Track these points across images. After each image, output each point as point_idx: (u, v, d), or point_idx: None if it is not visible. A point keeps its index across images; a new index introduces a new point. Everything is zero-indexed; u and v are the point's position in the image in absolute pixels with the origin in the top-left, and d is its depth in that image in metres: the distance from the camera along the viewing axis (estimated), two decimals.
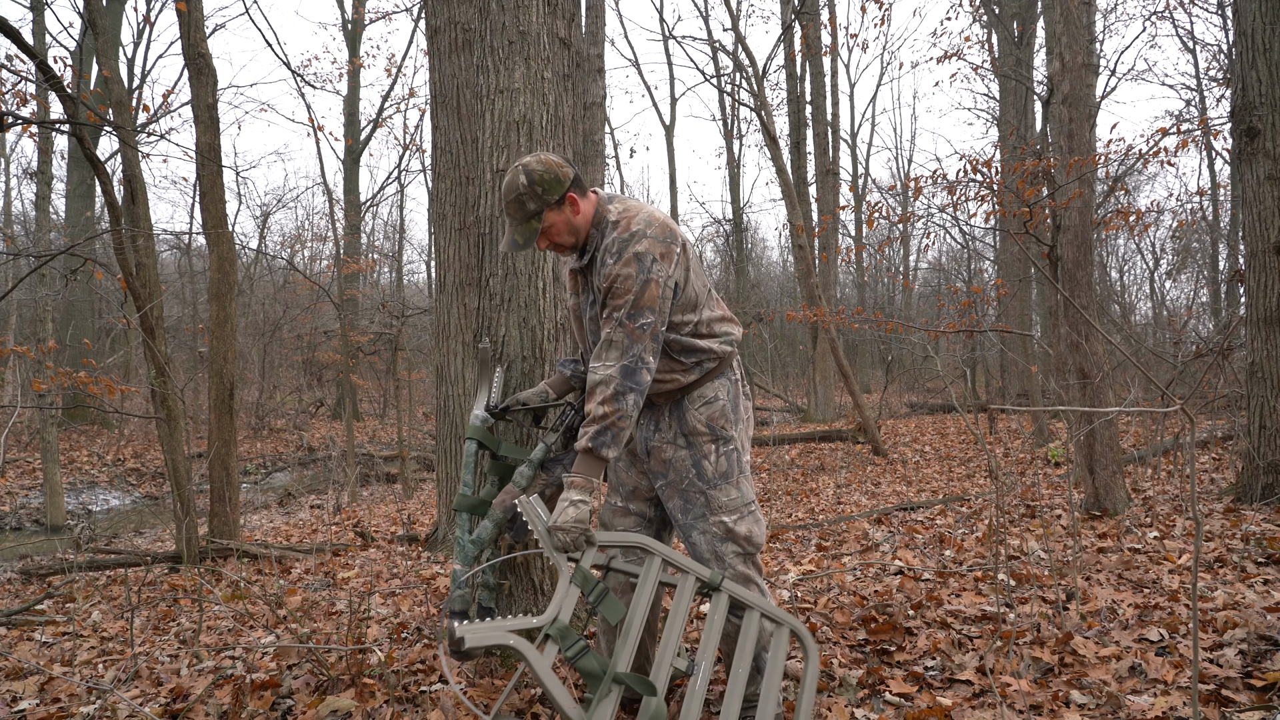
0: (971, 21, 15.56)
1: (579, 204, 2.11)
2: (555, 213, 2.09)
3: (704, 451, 2.16)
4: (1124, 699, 2.21)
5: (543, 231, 2.11)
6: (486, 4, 2.83)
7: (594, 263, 2.15)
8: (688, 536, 2.20)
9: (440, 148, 3.94)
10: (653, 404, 2.24)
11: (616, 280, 2.04)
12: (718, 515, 2.15)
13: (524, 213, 2.08)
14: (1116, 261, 18.26)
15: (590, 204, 2.16)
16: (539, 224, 2.09)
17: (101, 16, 6.80)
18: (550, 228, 2.11)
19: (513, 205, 2.08)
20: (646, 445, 2.23)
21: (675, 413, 2.19)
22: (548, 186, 2.06)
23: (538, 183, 2.05)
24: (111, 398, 11.43)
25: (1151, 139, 6.50)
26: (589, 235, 2.16)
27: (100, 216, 14.85)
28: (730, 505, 2.16)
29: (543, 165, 2.07)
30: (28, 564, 6.10)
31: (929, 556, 4.13)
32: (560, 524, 1.98)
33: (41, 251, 7.56)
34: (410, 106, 21.40)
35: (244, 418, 15.42)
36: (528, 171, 2.06)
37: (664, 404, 2.22)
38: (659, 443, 2.20)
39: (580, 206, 2.12)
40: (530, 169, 2.06)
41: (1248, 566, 3.35)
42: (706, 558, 2.17)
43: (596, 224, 2.15)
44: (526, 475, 2.26)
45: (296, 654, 2.86)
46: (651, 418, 2.23)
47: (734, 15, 12.22)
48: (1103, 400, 4.85)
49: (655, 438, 2.21)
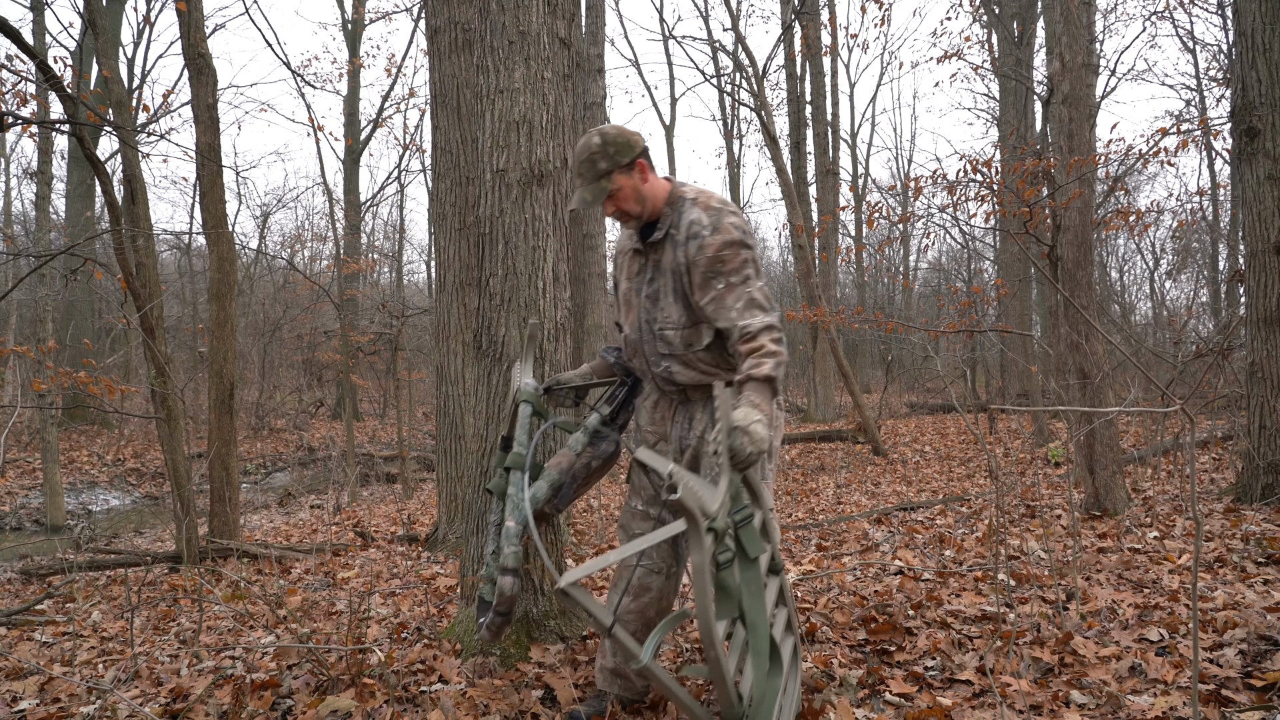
0: (971, 21, 15.56)
1: (648, 174, 2.16)
2: (625, 176, 2.13)
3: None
4: (1124, 699, 2.21)
5: (611, 194, 2.14)
6: (486, 4, 2.83)
7: (667, 240, 2.17)
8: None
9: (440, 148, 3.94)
10: (689, 401, 2.24)
11: (724, 249, 2.07)
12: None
13: (595, 172, 2.12)
14: (1116, 261, 18.27)
15: (661, 183, 2.20)
16: (608, 184, 2.12)
17: (101, 16, 6.80)
18: (619, 191, 2.13)
19: (585, 164, 2.12)
20: (681, 444, 2.23)
21: (710, 412, 2.19)
22: (620, 148, 2.11)
23: (610, 143, 2.10)
24: (111, 398, 11.43)
25: (1151, 139, 6.50)
26: (661, 214, 2.18)
27: (100, 216, 14.85)
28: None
29: (616, 130, 2.13)
30: (28, 564, 6.10)
31: (929, 556, 4.13)
32: (749, 428, 1.82)
33: (41, 251, 7.56)
34: (410, 106, 21.42)
35: (244, 418, 15.43)
36: (602, 133, 2.12)
37: (699, 401, 2.21)
38: (693, 441, 2.21)
39: (649, 177, 2.16)
40: (605, 131, 2.13)
41: (1248, 566, 3.35)
42: None
43: (671, 203, 2.18)
44: (581, 441, 2.27)
45: (296, 654, 2.86)
46: (686, 415, 2.23)
47: (734, 15, 12.22)
48: (1103, 400, 4.85)
49: (690, 436, 2.21)
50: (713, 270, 2.08)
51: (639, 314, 2.24)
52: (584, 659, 2.68)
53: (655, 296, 2.19)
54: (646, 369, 2.26)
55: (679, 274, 2.14)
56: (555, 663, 2.63)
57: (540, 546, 1.90)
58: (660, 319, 2.18)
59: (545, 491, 2.25)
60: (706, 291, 2.09)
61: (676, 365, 2.19)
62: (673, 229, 2.16)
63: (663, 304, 2.17)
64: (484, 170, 2.82)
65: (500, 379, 2.79)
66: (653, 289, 2.19)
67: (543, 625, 2.80)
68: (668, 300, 2.17)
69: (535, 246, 2.81)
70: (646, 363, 2.25)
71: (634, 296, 2.26)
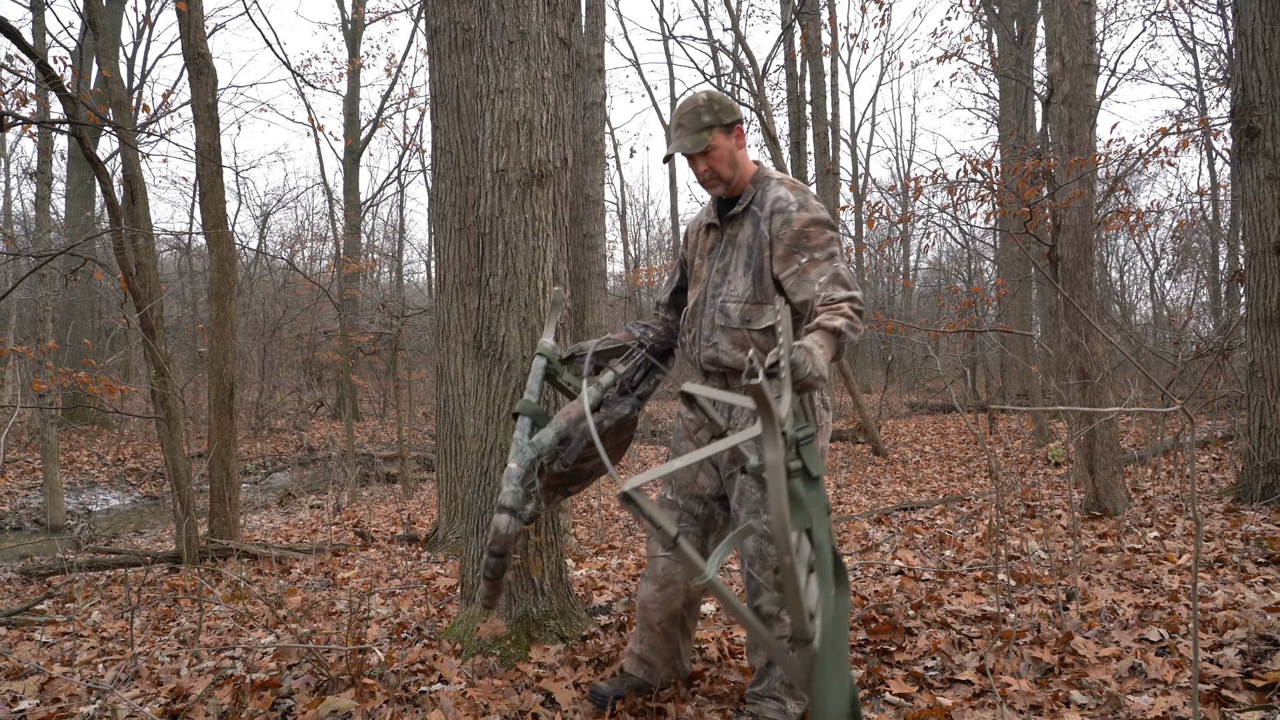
0: (971, 21, 15.55)
1: (743, 141, 2.23)
2: (724, 136, 2.18)
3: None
4: (1124, 699, 2.21)
5: (707, 150, 2.17)
6: (486, 4, 2.83)
7: (747, 214, 2.21)
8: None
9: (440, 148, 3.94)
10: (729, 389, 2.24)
11: (810, 225, 2.11)
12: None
13: (698, 124, 2.16)
14: (1116, 261, 18.27)
15: (750, 163, 2.27)
16: (709, 137, 2.16)
17: (101, 16, 6.80)
18: (715, 150, 2.17)
19: (689, 115, 2.17)
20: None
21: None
22: (725, 109, 2.17)
23: (717, 101, 2.17)
24: (111, 398, 11.43)
25: (1151, 139, 6.51)
26: (744, 190, 2.23)
27: (100, 216, 14.85)
28: None
29: (719, 94, 2.20)
30: (28, 564, 6.10)
31: (929, 556, 4.13)
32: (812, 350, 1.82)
33: (41, 251, 7.56)
34: (410, 106, 21.41)
35: (244, 418, 15.42)
36: (709, 92, 2.20)
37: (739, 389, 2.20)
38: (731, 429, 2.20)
39: (743, 143, 2.22)
40: (711, 90, 2.20)
41: (1248, 566, 3.35)
42: (752, 555, 2.15)
43: (755, 180, 2.23)
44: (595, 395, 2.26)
45: (296, 654, 2.86)
46: (728, 405, 2.23)
47: (734, 15, 12.22)
48: (1103, 400, 4.85)
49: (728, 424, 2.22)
50: (797, 245, 2.11)
51: (704, 287, 2.27)
52: (584, 659, 2.68)
53: (725, 270, 2.23)
54: (696, 346, 2.27)
55: (757, 248, 2.17)
56: (555, 663, 2.63)
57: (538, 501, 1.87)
58: (725, 292, 2.21)
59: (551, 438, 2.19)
60: (789, 265, 2.11)
61: (726, 342, 2.20)
62: (755, 204, 2.21)
63: (730, 277, 2.21)
64: (484, 170, 2.82)
65: (500, 379, 2.78)
66: (724, 262, 2.23)
67: (543, 625, 2.80)
68: (736, 274, 2.20)
69: (535, 246, 2.81)
70: (699, 337, 2.26)
71: (703, 270, 2.29)
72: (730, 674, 2.56)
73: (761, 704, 2.18)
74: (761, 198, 2.20)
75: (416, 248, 30.05)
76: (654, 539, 2.26)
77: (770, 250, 2.15)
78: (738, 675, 2.54)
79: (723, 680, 2.51)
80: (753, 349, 1.82)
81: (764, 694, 2.18)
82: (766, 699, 2.18)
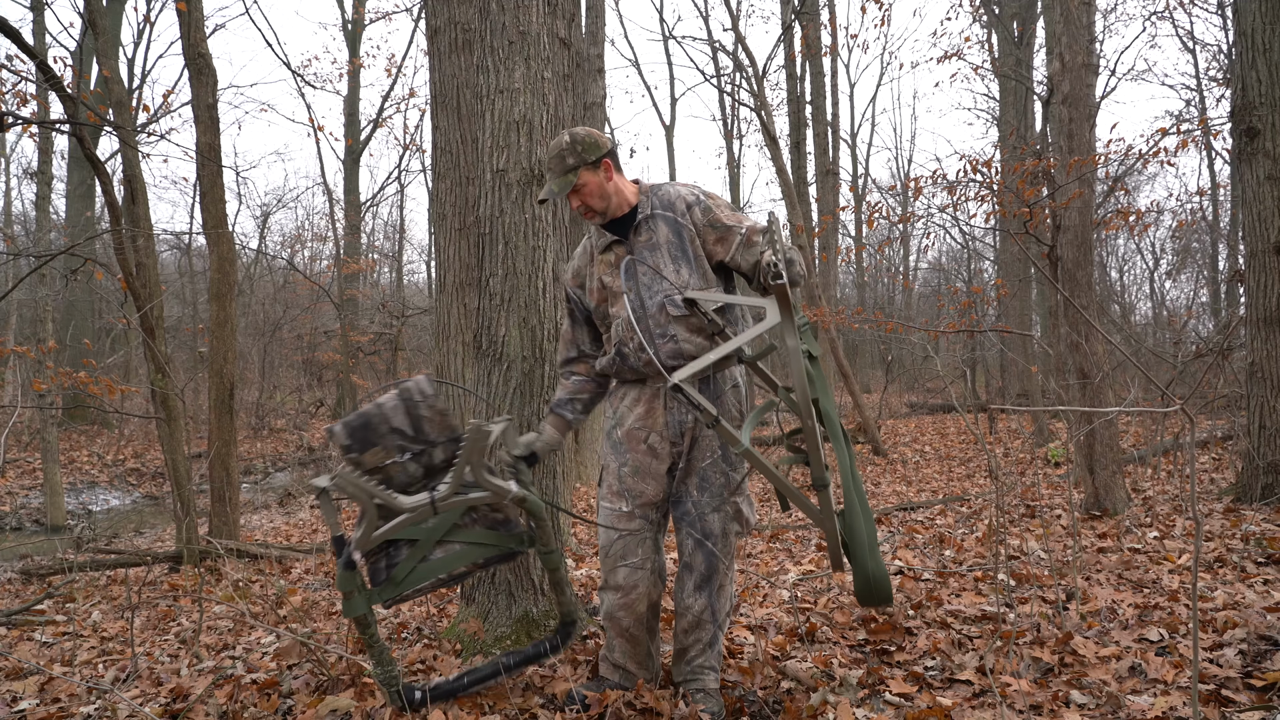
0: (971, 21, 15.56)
1: (612, 172, 2.30)
2: (590, 173, 2.28)
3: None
4: (1124, 699, 2.21)
5: (576, 189, 2.28)
6: (486, 4, 2.83)
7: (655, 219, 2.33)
8: (701, 514, 2.31)
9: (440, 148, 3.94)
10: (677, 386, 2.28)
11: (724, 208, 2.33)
12: (735, 496, 2.33)
13: (563, 166, 2.27)
14: (1116, 261, 18.25)
15: (629, 183, 2.38)
16: (574, 178, 2.27)
17: (101, 16, 6.80)
18: (584, 186, 2.28)
19: (555, 159, 2.29)
20: (680, 427, 2.31)
21: (708, 395, 2.30)
22: (587, 148, 2.27)
23: (579, 142, 2.27)
24: (111, 398, 11.43)
25: (1151, 139, 6.51)
26: (635, 204, 2.35)
27: (100, 216, 14.85)
28: (743, 489, 2.36)
29: (586, 131, 2.29)
30: (28, 564, 6.10)
31: (929, 556, 4.13)
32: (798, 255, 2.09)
33: (41, 251, 7.56)
34: (410, 106, 21.42)
35: (244, 418, 15.42)
36: (572, 133, 2.29)
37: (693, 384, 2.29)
38: (692, 423, 2.30)
39: (614, 176, 2.31)
40: (575, 131, 2.30)
41: (1248, 566, 3.35)
42: (716, 534, 2.31)
43: (644, 192, 2.37)
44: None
45: (296, 654, 2.86)
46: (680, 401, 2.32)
47: (734, 15, 12.22)
48: (1103, 400, 4.85)
49: (688, 418, 2.30)
50: (725, 225, 2.30)
51: (634, 294, 2.30)
52: (584, 659, 2.68)
53: (652, 271, 2.30)
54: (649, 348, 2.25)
55: (685, 240, 2.29)
56: (555, 663, 2.63)
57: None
58: (664, 288, 2.28)
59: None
60: (730, 242, 2.28)
61: (684, 330, 2.26)
62: (659, 209, 2.33)
63: (666, 273, 2.28)
64: (484, 170, 2.82)
65: (500, 379, 2.78)
66: (645, 267, 2.31)
67: (543, 625, 2.80)
68: (669, 269, 2.28)
69: (535, 246, 2.81)
70: (650, 338, 2.28)
71: (619, 283, 2.34)
72: (729, 673, 2.56)
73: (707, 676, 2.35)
74: (663, 201, 2.33)
75: (416, 248, 30.07)
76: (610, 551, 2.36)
77: (701, 239, 2.31)
78: (736, 675, 2.55)
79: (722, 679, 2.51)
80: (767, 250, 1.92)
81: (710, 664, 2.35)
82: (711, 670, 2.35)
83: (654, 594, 2.38)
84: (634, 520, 2.35)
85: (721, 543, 2.32)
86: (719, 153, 28.08)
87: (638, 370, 2.33)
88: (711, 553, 2.31)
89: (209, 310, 6.35)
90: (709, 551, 2.31)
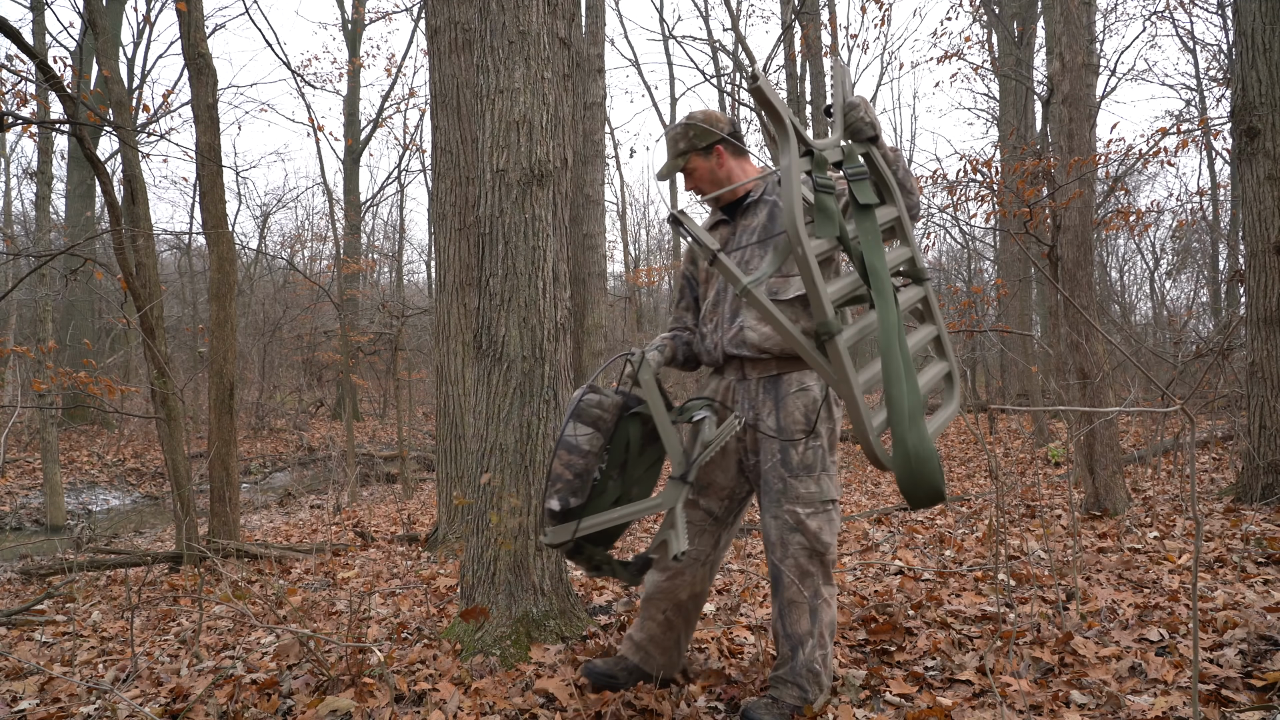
0: (971, 21, 15.56)
1: (725, 158, 2.35)
2: (701, 158, 2.34)
3: (793, 440, 2.24)
4: (1124, 699, 2.21)
5: (687, 171, 2.36)
6: (486, 4, 2.83)
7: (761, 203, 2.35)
8: (763, 518, 2.29)
9: (440, 148, 3.94)
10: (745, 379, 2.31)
11: None
12: (791, 505, 2.23)
13: (675, 150, 2.36)
14: (1116, 261, 18.24)
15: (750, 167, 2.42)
16: (683, 162, 2.35)
17: (101, 16, 6.80)
18: (694, 170, 2.35)
19: (670, 144, 2.38)
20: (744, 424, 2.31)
21: (772, 395, 2.27)
22: (699, 133, 2.32)
23: (692, 127, 2.33)
24: (111, 398, 11.43)
25: (1151, 139, 6.51)
26: (750, 189, 2.38)
27: (100, 216, 14.85)
28: (807, 498, 2.23)
29: (704, 115, 2.35)
30: (28, 564, 6.10)
31: (929, 556, 4.13)
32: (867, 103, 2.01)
33: (41, 251, 7.56)
34: (410, 106, 21.41)
35: (244, 418, 15.42)
36: (690, 115, 2.36)
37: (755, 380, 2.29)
38: (753, 421, 2.29)
39: (725, 160, 2.35)
40: (693, 114, 2.36)
41: (1248, 566, 3.35)
42: (774, 542, 2.24)
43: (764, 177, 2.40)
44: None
45: (296, 654, 2.86)
46: (747, 397, 2.31)
47: (734, 15, 12.21)
48: (1103, 400, 4.85)
49: (750, 415, 2.29)
50: None
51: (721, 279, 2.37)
52: (584, 659, 2.68)
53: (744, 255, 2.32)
54: (719, 331, 2.35)
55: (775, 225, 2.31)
56: (555, 663, 2.63)
57: None
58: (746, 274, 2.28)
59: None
60: None
61: (752, 318, 2.28)
62: (768, 194, 2.37)
63: (751, 260, 2.30)
64: (484, 170, 2.82)
65: (500, 379, 2.78)
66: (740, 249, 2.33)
67: (542, 625, 2.80)
68: (756, 256, 2.30)
69: (535, 246, 2.80)
70: (721, 322, 2.34)
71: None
72: (730, 671, 2.56)
73: (783, 688, 2.22)
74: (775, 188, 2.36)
75: (416, 248, 30.04)
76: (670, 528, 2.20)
77: None
78: (737, 674, 2.54)
79: (721, 676, 2.51)
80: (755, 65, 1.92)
81: (787, 678, 2.22)
82: (789, 683, 2.21)
83: (698, 586, 2.37)
84: (696, 509, 2.36)
85: (779, 551, 2.23)
86: None
87: (713, 355, 2.38)
88: (773, 562, 2.26)
89: (209, 310, 6.35)
90: (772, 560, 2.27)
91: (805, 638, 2.22)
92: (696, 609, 2.43)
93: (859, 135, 2.00)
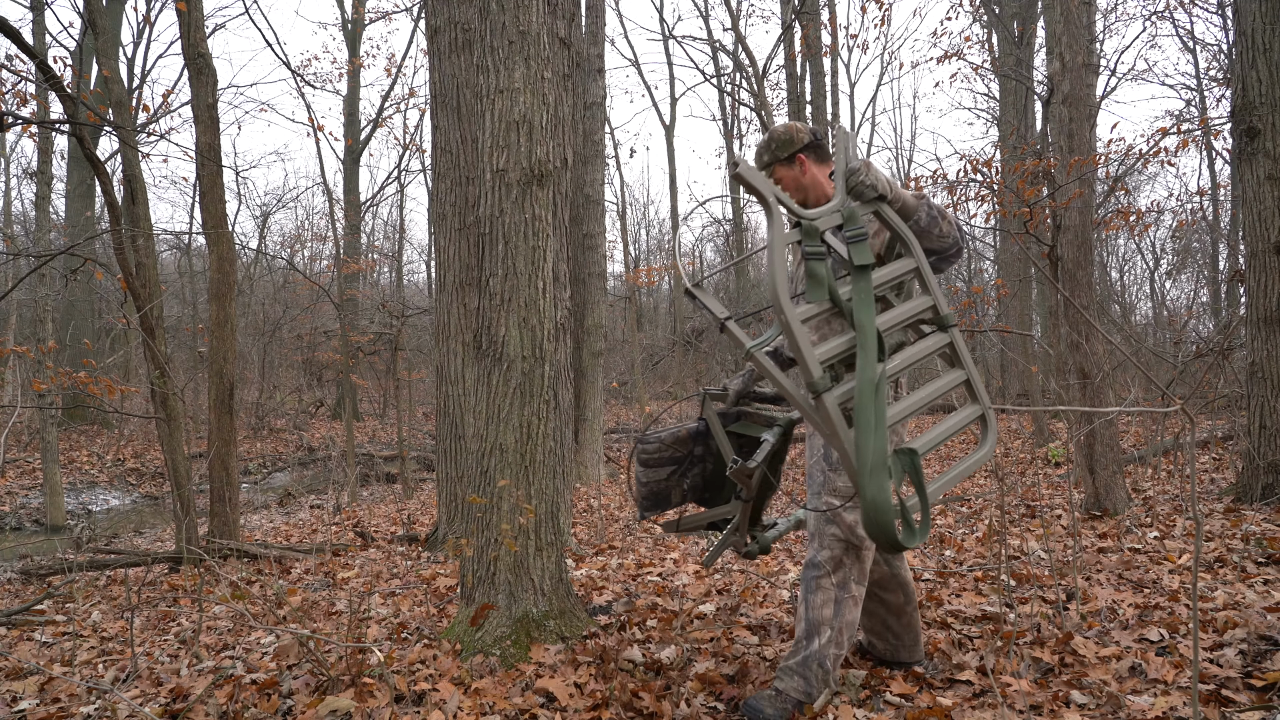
0: (971, 21, 15.55)
1: (809, 166, 2.39)
2: (785, 168, 2.40)
3: None
4: (1124, 699, 2.21)
5: (775, 181, 2.38)
6: (486, 4, 2.83)
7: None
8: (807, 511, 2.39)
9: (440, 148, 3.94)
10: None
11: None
12: (830, 497, 2.32)
13: (760, 162, 2.43)
14: (1116, 261, 18.25)
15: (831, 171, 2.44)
16: (769, 175, 2.41)
17: (101, 16, 6.80)
18: (780, 180, 2.40)
19: (756, 155, 2.47)
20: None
21: None
22: (780, 145, 2.39)
23: (774, 140, 2.40)
24: (111, 398, 11.43)
25: (1151, 139, 6.51)
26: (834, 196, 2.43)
27: (100, 216, 14.85)
28: (844, 491, 2.31)
29: (784, 128, 2.41)
30: (28, 564, 6.10)
31: (929, 556, 4.13)
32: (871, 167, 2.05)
33: (41, 251, 7.55)
34: (410, 106, 21.39)
35: (244, 418, 15.42)
36: (773, 130, 2.44)
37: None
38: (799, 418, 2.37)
39: (809, 168, 2.39)
40: (775, 129, 2.43)
41: (1248, 566, 3.35)
42: (813, 533, 2.35)
43: None
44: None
45: (296, 654, 2.86)
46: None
47: (734, 15, 12.23)
48: (1103, 400, 4.85)
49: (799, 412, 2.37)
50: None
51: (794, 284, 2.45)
52: (584, 659, 2.68)
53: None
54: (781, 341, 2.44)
55: None
56: (555, 663, 2.63)
57: None
58: None
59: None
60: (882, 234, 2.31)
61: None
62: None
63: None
64: (484, 170, 2.82)
65: (500, 379, 2.78)
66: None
67: (543, 625, 2.80)
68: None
69: (535, 246, 2.80)
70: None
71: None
72: (727, 668, 2.56)
73: (789, 679, 2.27)
74: None
75: (416, 248, 30.05)
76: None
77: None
78: (737, 674, 2.54)
79: (720, 675, 2.51)
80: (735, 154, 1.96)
81: (795, 669, 2.27)
82: (795, 674, 2.26)
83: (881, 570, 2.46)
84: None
85: (817, 541, 2.33)
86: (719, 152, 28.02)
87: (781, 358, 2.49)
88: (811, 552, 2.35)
89: (209, 310, 6.35)
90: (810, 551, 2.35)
91: (824, 626, 2.27)
92: (888, 592, 2.55)
93: (862, 198, 2.06)
